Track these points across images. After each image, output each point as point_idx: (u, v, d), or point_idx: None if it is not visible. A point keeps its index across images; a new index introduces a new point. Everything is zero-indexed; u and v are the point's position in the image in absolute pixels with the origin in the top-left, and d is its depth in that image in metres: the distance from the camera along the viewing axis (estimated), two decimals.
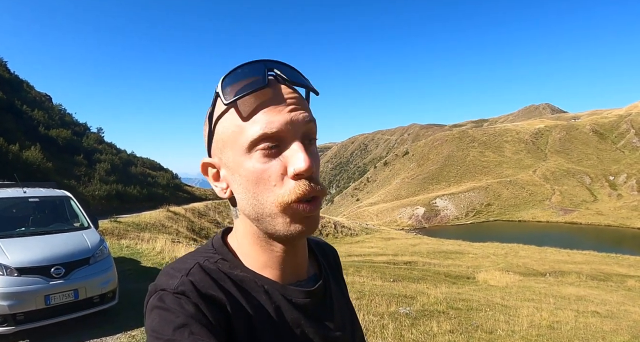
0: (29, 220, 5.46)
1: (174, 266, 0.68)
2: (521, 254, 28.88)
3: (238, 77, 0.64)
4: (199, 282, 0.64)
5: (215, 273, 0.67)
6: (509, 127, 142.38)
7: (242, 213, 0.69)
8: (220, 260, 0.70)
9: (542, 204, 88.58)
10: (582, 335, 6.80)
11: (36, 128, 27.64)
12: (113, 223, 15.45)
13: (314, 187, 0.63)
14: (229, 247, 0.74)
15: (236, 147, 0.65)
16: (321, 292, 0.77)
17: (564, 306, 9.78)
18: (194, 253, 0.73)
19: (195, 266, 0.67)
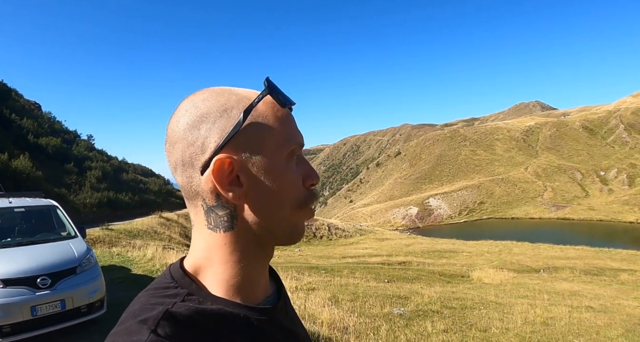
0: (15, 230, 5.41)
1: (137, 314, 0.57)
2: (515, 251, 29.02)
3: (277, 89, 0.66)
4: (170, 339, 0.53)
5: (188, 318, 0.57)
6: (499, 125, 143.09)
7: (250, 223, 0.64)
8: (187, 296, 0.61)
9: (535, 200, 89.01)
10: (576, 330, 6.87)
11: (25, 136, 27.37)
12: (105, 231, 15.32)
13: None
14: (191, 277, 0.65)
15: (278, 150, 0.64)
16: (285, 307, 0.76)
17: (558, 302, 9.83)
18: (153, 291, 0.63)
19: (164, 315, 0.56)
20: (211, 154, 0.61)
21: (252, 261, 0.66)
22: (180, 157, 0.62)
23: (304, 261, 20.16)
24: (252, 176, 0.62)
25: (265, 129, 0.63)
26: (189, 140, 0.62)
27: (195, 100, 0.64)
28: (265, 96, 0.64)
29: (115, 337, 0.54)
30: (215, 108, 0.62)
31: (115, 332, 0.55)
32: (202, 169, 0.61)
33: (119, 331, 0.55)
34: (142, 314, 0.56)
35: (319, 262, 20.17)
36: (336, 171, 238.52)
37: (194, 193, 0.63)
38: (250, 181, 0.62)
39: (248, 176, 0.62)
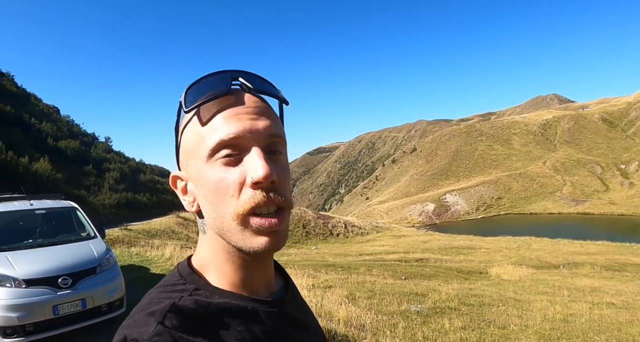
0: (36, 232, 5.54)
1: (145, 308, 0.60)
2: (534, 247, 28.61)
3: (202, 87, 0.63)
4: (177, 330, 0.56)
5: (195, 311, 0.60)
6: (516, 119, 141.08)
7: (209, 228, 0.66)
8: (195, 291, 0.64)
9: (553, 195, 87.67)
10: (596, 327, 6.72)
11: (45, 140, 27.98)
12: (123, 231, 15.59)
13: (272, 198, 0.60)
14: (197, 274, 0.68)
15: (198, 157, 0.63)
16: (294, 299, 0.77)
17: (578, 298, 9.69)
18: (162, 288, 0.66)
19: (171, 308, 0.59)
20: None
21: (238, 261, 0.66)
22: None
23: (321, 259, 20.21)
24: (193, 186, 0.66)
25: (187, 140, 0.66)
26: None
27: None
28: (179, 110, 0.66)
29: (125, 330, 0.56)
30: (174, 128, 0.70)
31: (125, 325, 0.58)
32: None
33: (128, 324, 0.58)
34: (150, 307, 0.59)
35: (335, 259, 20.20)
36: (352, 168, 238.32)
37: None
38: (194, 191, 0.66)
39: (191, 187, 0.67)
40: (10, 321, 4.12)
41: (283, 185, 0.64)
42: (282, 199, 0.62)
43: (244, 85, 0.65)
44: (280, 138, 0.65)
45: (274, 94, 0.68)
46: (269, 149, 0.64)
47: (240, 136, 0.60)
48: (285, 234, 0.65)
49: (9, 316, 4.11)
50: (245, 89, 0.65)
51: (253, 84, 0.65)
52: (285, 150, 0.68)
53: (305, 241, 31.02)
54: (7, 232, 5.27)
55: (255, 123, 0.62)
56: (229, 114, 0.62)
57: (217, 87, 0.63)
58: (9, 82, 35.73)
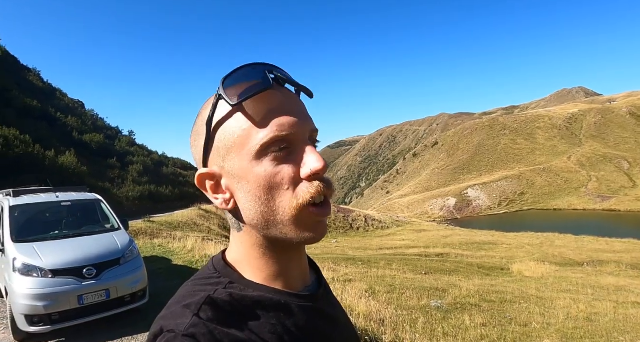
0: (62, 223, 5.67)
1: (181, 300, 0.62)
2: (557, 244, 28.29)
3: (240, 79, 0.62)
4: (212, 321, 0.57)
5: (229, 304, 0.61)
6: (541, 113, 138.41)
7: (248, 224, 0.66)
8: (229, 284, 0.65)
9: (578, 191, 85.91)
10: (621, 327, 6.65)
11: (70, 134, 28.62)
12: (146, 223, 15.86)
13: (327, 188, 0.63)
14: (232, 267, 0.69)
15: (244, 153, 0.62)
16: (325, 294, 0.78)
17: (602, 297, 9.59)
18: (197, 281, 0.68)
19: (206, 300, 0.60)
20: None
21: (274, 256, 0.68)
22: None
23: (341, 253, 20.26)
24: (232, 182, 0.64)
25: (227, 135, 0.63)
26: (193, 155, 0.70)
27: (200, 111, 0.68)
28: (218, 102, 0.64)
29: (162, 321, 0.58)
30: (199, 123, 0.67)
31: (162, 316, 0.60)
32: None
33: (165, 315, 0.60)
34: (186, 300, 0.61)
35: (355, 253, 20.23)
36: (372, 162, 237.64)
37: None
38: (232, 187, 0.65)
39: (229, 183, 0.65)
40: (37, 309, 4.22)
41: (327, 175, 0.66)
42: (330, 190, 0.64)
43: (281, 79, 0.65)
44: (316, 130, 0.67)
45: (302, 87, 0.68)
46: (312, 141, 0.66)
47: (293, 132, 0.61)
48: (327, 226, 0.68)
49: (36, 305, 4.22)
50: (282, 83, 0.65)
51: (285, 76, 0.65)
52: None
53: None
54: (34, 224, 5.40)
55: (302, 118, 0.64)
56: (278, 109, 0.62)
57: (256, 80, 0.62)
58: (36, 78, 36.62)
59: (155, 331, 0.58)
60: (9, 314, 4.55)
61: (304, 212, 0.62)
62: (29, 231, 5.15)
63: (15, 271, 4.42)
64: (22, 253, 4.58)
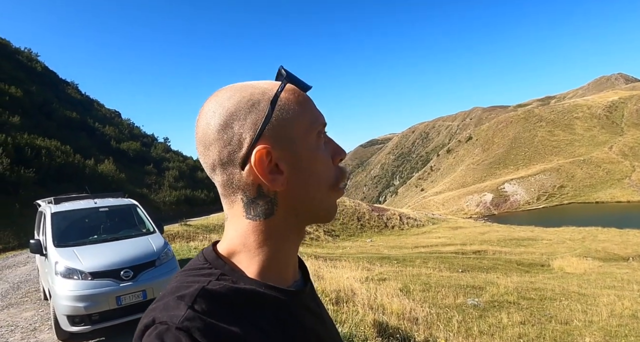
0: (100, 228, 5.94)
1: (175, 291, 0.61)
2: (600, 238, 27.44)
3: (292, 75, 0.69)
4: (207, 315, 0.57)
5: (223, 295, 0.61)
6: (578, 102, 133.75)
7: (291, 207, 0.68)
8: (221, 275, 0.65)
9: (621, 182, 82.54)
10: None
11: (108, 143, 29.63)
12: (183, 227, 16.21)
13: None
14: (223, 259, 0.68)
15: (311, 134, 0.68)
16: (312, 291, 0.80)
17: None
18: (188, 272, 0.67)
19: (200, 292, 0.59)
20: (248, 149, 0.63)
21: (287, 244, 0.70)
22: (219, 158, 0.65)
23: (376, 252, 20.17)
24: (290, 162, 0.66)
25: (293, 116, 0.66)
26: (224, 140, 0.64)
27: (219, 100, 0.66)
28: (286, 84, 0.67)
29: (154, 313, 0.57)
30: (242, 104, 0.65)
31: (154, 307, 0.59)
32: (242, 165, 0.64)
33: (157, 306, 0.58)
34: (180, 291, 0.60)
35: (390, 252, 20.11)
36: (405, 160, 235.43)
37: (235, 189, 0.66)
38: (289, 167, 0.66)
39: (286, 163, 0.65)
40: (78, 310, 4.43)
41: None
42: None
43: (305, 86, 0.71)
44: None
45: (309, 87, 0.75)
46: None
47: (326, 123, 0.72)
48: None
49: (77, 306, 4.43)
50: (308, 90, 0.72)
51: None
52: None
53: (360, 233, 31.03)
54: (74, 229, 5.67)
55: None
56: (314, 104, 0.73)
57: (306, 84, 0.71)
58: (74, 90, 38.15)
59: (147, 321, 0.57)
60: (52, 316, 4.78)
61: (339, 193, 0.72)
62: (69, 236, 5.40)
63: (57, 274, 4.65)
64: (63, 257, 4.81)
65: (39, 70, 34.08)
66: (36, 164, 18.38)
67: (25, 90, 25.33)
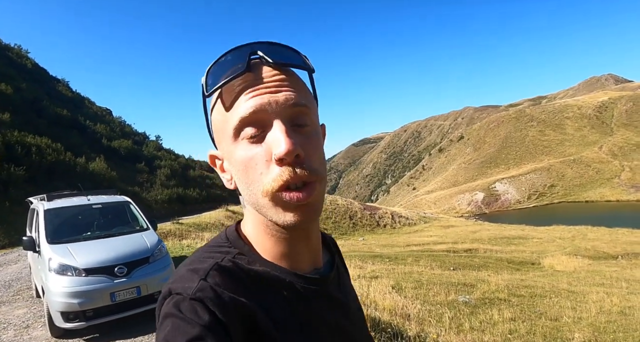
0: (94, 225, 5.94)
1: (190, 266, 0.64)
2: (590, 237, 27.69)
3: (222, 66, 0.63)
4: (218, 286, 0.60)
5: (235, 273, 0.63)
6: (569, 102, 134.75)
7: (247, 203, 0.68)
8: (238, 255, 0.67)
9: (611, 182, 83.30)
10: None
11: (99, 140, 29.41)
12: (175, 225, 16.17)
13: (299, 174, 0.59)
14: (244, 240, 0.71)
15: (226, 137, 0.64)
16: (337, 279, 0.78)
17: (637, 290, 9.42)
18: (208, 248, 0.70)
19: (214, 267, 0.62)
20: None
21: (279, 235, 0.67)
22: None
23: (368, 250, 20.24)
24: (228, 163, 0.68)
25: (215, 120, 0.67)
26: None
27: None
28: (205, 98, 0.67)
29: (170, 285, 0.61)
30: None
31: (171, 280, 0.63)
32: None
33: (174, 279, 0.63)
34: (195, 264, 0.64)
35: (382, 250, 20.18)
36: (397, 159, 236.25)
37: None
38: (229, 168, 0.68)
39: (227, 164, 0.68)
40: (72, 306, 4.44)
41: (310, 158, 0.62)
42: (308, 173, 0.60)
43: (263, 59, 0.63)
44: (304, 108, 0.63)
45: (295, 64, 0.66)
46: (294, 121, 0.63)
47: (259, 110, 0.60)
48: (317, 207, 0.64)
49: (71, 302, 4.44)
50: (265, 63, 0.64)
51: (272, 56, 0.63)
52: (313, 120, 0.66)
53: (352, 232, 31.11)
54: (68, 226, 5.66)
55: (275, 96, 0.61)
56: (249, 91, 0.61)
57: (236, 65, 0.62)
58: (65, 88, 37.76)
59: (163, 293, 0.61)
60: (45, 312, 4.78)
61: (276, 198, 0.61)
62: (62, 232, 5.39)
63: (51, 270, 4.65)
64: (57, 253, 4.81)
65: (29, 67, 33.68)
66: (27, 162, 18.17)
67: (16, 87, 25.01)
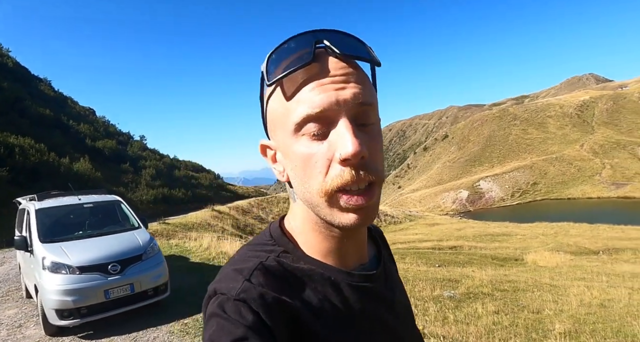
0: (85, 224, 5.97)
1: (234, 265, 0.65)
2: (572, 233, 28.15)
3: (284, 53, 0.60)
4: (262, 287, 0.60)
5: (280, 272, 0.64)
6: (551, 101, 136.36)
7: (299, 198, 0.65)
8: (282, 253, 0.67)
9: (592, 179, 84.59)
10: (635, 312, 6.61)
11: (83, 141, 29.11)
12: (162, 225, 16.12)
13: (361, 176, 0.57)
14: (288, 237, 0.70)
15: (285, 129, 0.61)
16: (383, 274, 0.76)
17: (617, 284, 9.55)
18: (253, 246, 0.70)
19: (258, 266, 0.63)
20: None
21: (327, 231, 0.66)
22: None
23: None
24: (282, 156, 0.65)
25: (273, 110, 0.64)
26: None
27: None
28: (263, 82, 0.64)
29: (215, 284, 0.62)
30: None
31: (216, 280, 0.64)
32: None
33: (219, 279, 0.63)
34: (239, 264, 0.65)
35: None
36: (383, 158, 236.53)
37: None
38: (282, 161, 0.66)
39: (280, 156, 0.66)
40: (66, 304, 4.50)
41: (374, 159, 0.60)
42: (373, 176, 0.59)
43: (329, 49, 0.60)
44: (370, 106, 0.60)
45: (362, 56, 0.62)
46: (359, 119, 0.59)
47: (327, 109, 0.57)
48: (375, 209, 0.62)
49: (65, 300, 4.49)
50: (331, 53, 0.60)
51: (339, 47, 0.59)
52: (377, 117, 0.64)
53: None
54: (60, 225, 5.69)
55: (343, 93, 0.57)
56: (314, 85, 0.58)
57: (300, 52, 0.59)
58: (47, 87, 37.25)
59: (209, 292, 0.62)
60: (39, 311, 4.81)
61: (333, 198, 0.59)
62: (55, 232, 5.42)
63: (45, 269, 4.69)
64: (50, 252, 4.85)
65: (10, 66, 33.13)
66: (10, 163, 17.98)
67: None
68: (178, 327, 4.91)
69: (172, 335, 4.70)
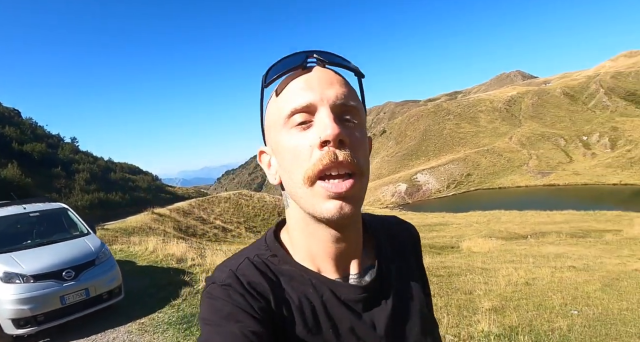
0: (33, 233, 5.89)
1: (226, 262, 0.71)
2: (503, 220, 29.48)
3: (280, 66, 0.67)
4: (245, 275, 0.66)
5: (264, 268, 0.68)
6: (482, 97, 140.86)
7: (290, 197, 0.68)
8: (271, 256, 0.71)
9: (520, 169, 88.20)
10: (556, 288, 7.19)
11: (9, 145, 27.21)
12: (100, 231, 15.50)
13: (341, 159, 0.60)
14: (280, 243, 0.74)
15: (277, 126, 0.65)
16: (376, 288, 0.72)
17: (542, 264, 10.08)
18: (248, 249, 0.75)
19: (244, 261, 0.69)
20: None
21: (314, 234, 0.68)
22: None
23: None
24: (274, 157, 0.70)
25: (269, 114, 0.70)
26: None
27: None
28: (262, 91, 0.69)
29: (209, 276, 0.70)
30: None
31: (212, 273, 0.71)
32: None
33: (213, 272, 0.71)
34: (230, 261, 0.72)
35: None
36: None
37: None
38: (275, 164, 0.70)
39: (274, 161, 0.70)
40: (22, 313, 4.51)
41: (355, 149, 0.62)
42: (353, 161, 0.61)
43: (319, 60, 0.66)
44: (352, 107, 0.64)
45: (346, 66, 0.69)
46: (342, 115, 0.63)
47: (312, 103, 0.62)
48: (356, 202, 0.64)
49: (21, 309, 4.50)
50: (320, 64, 0.66)
51: (327, 58, 0.67)
52: (361, 121, 0.67)
53: None
54: (7, 235, 5.61)
55: (327, 90, 0.63)
56: (302, 84, 0.64)
57: (294, 63, 0.66)
58: None
59: (204, 284, 0.73)
60: None
61: (316, 187, 0.61)
62: (3, 242, 5.35)
63: None
64: (1, 263, 4.81)
65: None
66: None
67: None
68: (136, 326, 5.02)
69: (130, 334, 4.81)
